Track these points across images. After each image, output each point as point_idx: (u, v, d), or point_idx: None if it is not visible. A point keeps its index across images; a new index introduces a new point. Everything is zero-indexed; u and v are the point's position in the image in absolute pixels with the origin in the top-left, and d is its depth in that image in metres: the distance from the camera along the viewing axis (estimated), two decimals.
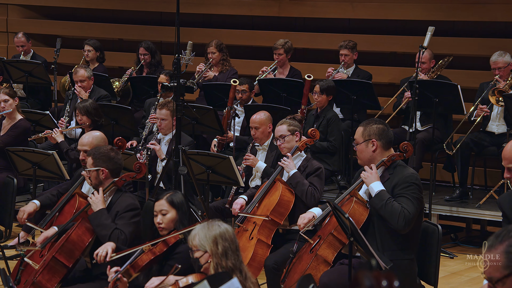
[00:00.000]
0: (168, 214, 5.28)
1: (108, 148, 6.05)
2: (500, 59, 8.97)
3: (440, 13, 10.55)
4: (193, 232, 4.51)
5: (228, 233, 4.46)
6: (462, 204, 9.05)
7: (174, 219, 5.29)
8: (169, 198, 5.32)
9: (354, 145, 5.90)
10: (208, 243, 4.43)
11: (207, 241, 4.43)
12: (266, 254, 6.51)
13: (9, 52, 12.93)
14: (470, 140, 8.99)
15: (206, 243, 4.44)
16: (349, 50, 9.99)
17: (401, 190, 5.60)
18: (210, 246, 4.42)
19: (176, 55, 6.80)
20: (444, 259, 8.27)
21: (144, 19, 12.67)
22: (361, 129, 5.80)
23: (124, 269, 5.12)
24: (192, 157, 7.31)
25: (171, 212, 5.28)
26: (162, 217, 5.28)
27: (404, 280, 5.58)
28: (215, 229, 4.46)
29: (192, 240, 4.50)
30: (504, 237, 3.13)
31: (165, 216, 5.27)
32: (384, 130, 5.76)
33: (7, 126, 8.98)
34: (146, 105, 9.79)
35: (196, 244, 4.47)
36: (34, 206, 6.65)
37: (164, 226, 5.28)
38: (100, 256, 5.32)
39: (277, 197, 6.56)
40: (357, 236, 5.13)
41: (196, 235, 4.48)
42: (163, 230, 5.29)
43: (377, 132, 5.73)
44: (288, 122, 6.96)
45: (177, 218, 5.29)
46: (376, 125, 5.77)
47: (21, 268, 5.84)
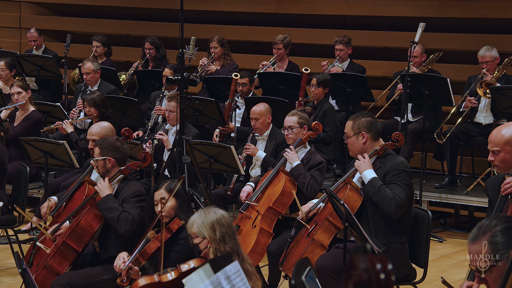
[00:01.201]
0: (168, 202, 5.26)
1: (114, 138, 6.03)
2: (487, 54, 8.97)
3: (430, 10, 10.54)
4: (191, 220, 4.50)
5: (225, 219, 4.45)
6: (451, 191, 9.06)
7: (174, 206, 5.29)
8: (168, 187, 5.31)
9: (345, 138, 5.89)
10: (206, 229, 4.41)
11: (205, 228, 4.42)
12: (268, 241, 6.49)
13: (22, 47, 12.91)
14: (459, 131, 8.99)
15: (204, 230, 4.42)
16: (344, 45, 9.98)
17: (392, 177, 5.61)
18: (208, 232, 4.41)
19: (180, 50, 6.79)
20: (434, 243, 8.27)
21: (149, 16, 12.65)
22: (351, 123, 5.79)
23: (134, 258, 5.11)
24: (195, 147, 7.30)
25: (171, 200, 5.27)
26: (163, 205, 5.26)
27: (396, 262, 5.59)
28: (212, 215, 4.45)
29: (191, 228, 4.49)
30: (486, 229, 3.14)
31: (166, 204, 5.25)
32: (373, 122, 5.76)
33: (20, 117, 8.98)
34: (152, 98, 9.78)
35: (195, 231, 4.46)
36: (53, 201, 6.67)
37: (165, 214, 5.26)
38: (119, 266, 5.21)
39: (280, 188, 6.52)
40: (352, 222, 5.13)
41: (194, 222, 4.47)
42: (165, 218, 5.28)
43: (366, 124, 5.73)
44: (299, 115, 6.83)
45: (176, 205, 5.29)
46: (364, 118, 5.77)
47: (33, 251, 5.84)
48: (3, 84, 10.09)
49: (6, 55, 10.61)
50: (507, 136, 4.62)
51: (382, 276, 1.70)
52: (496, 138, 4.66)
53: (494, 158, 4.66)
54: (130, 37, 12.81)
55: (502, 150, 4.62)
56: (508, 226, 3.13)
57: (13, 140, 8.52)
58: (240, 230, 6.51)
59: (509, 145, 4.61)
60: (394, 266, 5.37)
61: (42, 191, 8.82)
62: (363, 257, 1.71)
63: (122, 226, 5.58)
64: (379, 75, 10.62)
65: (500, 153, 4.63)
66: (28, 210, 8.44)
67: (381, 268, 1.67)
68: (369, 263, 1.66)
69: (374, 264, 1.65)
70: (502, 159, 4.63)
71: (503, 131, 4.65)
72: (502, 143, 4.62)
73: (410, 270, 5.79)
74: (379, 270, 1.68)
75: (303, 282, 3.81)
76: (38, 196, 9.18)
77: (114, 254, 5.65)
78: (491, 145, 4.68)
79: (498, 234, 3.12)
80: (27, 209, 7.88)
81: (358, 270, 1.70)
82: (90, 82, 9.68)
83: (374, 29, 10.96)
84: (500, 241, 3.11)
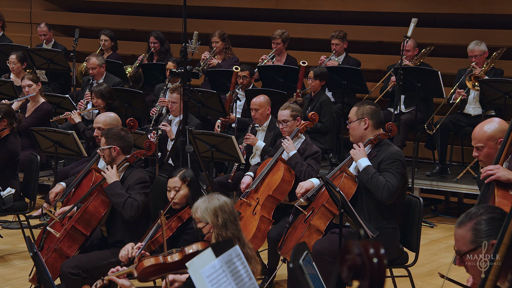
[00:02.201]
0: (181, 190, 5.25)
1: (119, 128, 6.03)
2: (476, 48, 8.95)
3: (422, 6, 10.52)
4: (195, 205, 4.49)
5: (227, 205, 4.43)
6: (441, 178, 9.06)
7: (187, 195, 5.27)
8: (182, 175, 5.28)
9: (348, 123, 5.88)
10: (209, 215, 4.40)
11: (208, 214, 4.40)
12: (268, 228, 6.49)
13: (33, 41, 12.89)
14: (449, 121, 8.99)
15: (207, 215, 4.41)
16: (340, 40, 9.97)
17: (386, 165, 5.61)
18: (211, 218, 4.39)
19: (183, 44, 6.78)
20: (425, 228, 8.28)
21: (154, 11, 12.63)
22: (355, 109, 5.79)
23: (146, 244, 5.11)
24: (198, 137, 7.30)
25: (184, 189, 5.25)
26: (176, 193, 5.25)
27: (388, 246, 5.60)
28: (215, 202, 4.43)
29: (195, 213, 4.48)
30: (472, 216, 3.16)
31: (178, 192, 5.24)
32: (376, 110, 5.77)
33: (31, 108, 8.97)
34: (156, 90, 9.77)
35: (199, 217, 4.45)
36: (61, 187, 6.66)
37: (177, 201, 5.25)
38: (125, 257, 5.19)
39: (279, 177, 6.52)
40: (347, 208, 5.13)
41: (198, 208, 4.46)
42: (176, 205, 5.26)
43: (370, 112, 5.73)
44: (291, 108, 6.79)
45: (189, 194, 5.27)
46: (369, 106, 5.78)
47: (44, 236, 5.84)
48: (15, 77, 10.08)
49: (17, 49, 10.58)
50: (489, 132, 4.60)
51: (375, 260, 1.70)
52: (479, 135, 4.63)
53: (479, 153, 4.65)
54: (136, 32, 12.79)
55: (486, 145, 4.60)
56: (493, 216, 3.15)
57: (25, 130, 8.52)
58: (241, 216, 6.51)
59: (492, 140, 4.58)
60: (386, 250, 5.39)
61: (52, 179, 8.82)
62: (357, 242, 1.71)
63: (128, 212, 5.58)
64: (374, 68, 10.60)
65: (484, 149, 4.61)
66: (39, 197, 8.44)
67: (374, 252, 1.67)
68: (363, 248, 1.67)
69: (367, 249, 1.66)
70: (486, 154, 4.60)
71: (486, 127, 4.62)
72: (485, 139, 4.60)
73: (401, 253, 5.80)
74: (372, 255, 1.68)
75: (301, 265, 3.81)
76: (48, 184, 9.19)
77: (120, 238, 5.66)
78: (474, 142, 4.65)
79: (483, 223, 3.13)
80: (38, 196, 7.87)
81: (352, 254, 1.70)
82: (96, 76, 9.69)
83: (369, 24, 10.94)
84: (483, 229, 3.12)
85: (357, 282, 1.73)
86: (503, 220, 3.10)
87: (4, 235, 7.79)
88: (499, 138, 4.57)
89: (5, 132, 7.27)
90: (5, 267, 7.11)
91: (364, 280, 1.68)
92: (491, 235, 3.11)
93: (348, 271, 1.71)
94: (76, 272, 5.46)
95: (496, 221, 3.13)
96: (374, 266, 1.67)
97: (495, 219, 3.14)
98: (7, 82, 9.62)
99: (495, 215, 3.16)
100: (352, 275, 1.72)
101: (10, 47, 10.88)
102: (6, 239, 7.83)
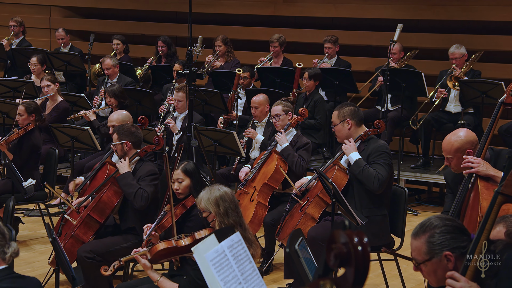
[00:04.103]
0: (184, 181, 5.26)
1: (130, 125, 6.04)
2: (456, 51, 8.96)
3: (407, 12, 10.51)
4: (199, 197, 4.50)
5: (227, 195, 4.43)
6: (424, 170, 9.07)
7: (189, 185, 5.28)
8: (183, 168, 5.30)
9: (332, 126, 5.88)
10: (211, 205, 4.41)
11: (210, 204, 4.41)
12: (264, 213, 6.51)
13: (52, 45, 12.89)
14: (432, 118, 9.00)
15: (210, 205, 4.41)
16: (332, 44, 9.96)
17: (375, 158, 5.61)
18: (213, 207, 4.40)
19: (189, 48, 6.76)
20: (410, 216, 8.28)
21: (162, 18, 12.61)
22: (336, 113, 5.78)
23: (153, 229, 5.13)
24: (202, 132, 7.29)
25: (186, 180, 5.27)
26: (179, 184, 5.26)
27: (378, 231, 5.61)
28: (216, 193, 4.43)
29: (199, 204, 4.50)
30: (426, 228, 3.16)
31: (181, 184, 5.26)
32: (355, 110, 5.76)
33: (50, 106, 8.97)
34: (164, 89, 9.75)
35: (202, 207, 4.46)
36: (80, 179, 6.68)
37: (181, 192, 5.26)
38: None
39: (273, 167, 6.55)
40: (339, 198, 5.14)
41: (201, 199, 4.47)
42: (180, 195, 5.28)
43: (350, 113, 5.73)
44: (283, 104, 6.90)
45: (191, 184, 5.28)
46: (348, 107, 5.76)
47: (62, 223, 5.84)
48: (35, 78, 10.08)
49: (38, 52, 10.59)
50: (456, 145, 4.58)
51: (359, 248, 1.71)
52: (447, 147, 4.61)
53: (449, 163, 4.65)
54: (145, 36, 12.77)
55: (454, 157, 4.59)
56: (445, 229, 3.14)
57: (44, 127, 8.52)
58: (240, 204, 6.52)
59: (460, 151, 4.56)
60: (376, 235, 5.39)
61: (69, 171, 8.82)
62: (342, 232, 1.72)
63: (138, 202, 5.58)
64: (363, 69, 10.59)
65: (453, 160, 4.61)
66: (57, 187, 8.44)
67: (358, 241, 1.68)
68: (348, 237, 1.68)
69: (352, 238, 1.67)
70: (456, 164, 4.59)
71: (453, 140, 4.60)
72: (453, 151, 4.59)
73: (390, 239, 5.81)
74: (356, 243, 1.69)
75: (296, 250, 3.82)
76: (66, 175, 9.19)
77: (131, 225, 5.67)
78: (444, 153, 4.65)
79: (436, 236, 3.13)
80: (56, 186, 7.88)
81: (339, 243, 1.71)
82: (111, 75, 9.70)
83: (359, 30, 10.93)
84: (436, 242, 3.12)
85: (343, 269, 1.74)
86: (455, 232, 3.13)
87: (25, 222, 7.79)
88: (466, 149, 4.55)
89: (30, 126, 7.36)
90: (27, 251, 7.13)
91: (350, 267, 1.69)
92: (444, 246, 3.11)
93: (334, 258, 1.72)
94: (91, 256, 5.48)
95: (448, 233, 3.14)
96: (358, 253, 1.68)
97: (447, 231, 3.14)
98: (28, 82, 9.62)
99: (447, 227, 3.15)
100: (338, 263, 1.72)
101: (31, 51, 10.88)
102: (28, 226, 7.84)
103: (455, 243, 3.09)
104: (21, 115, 7.38)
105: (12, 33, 11.71)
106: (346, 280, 1.69)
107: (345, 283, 1.69)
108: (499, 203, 3.02)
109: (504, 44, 9.91)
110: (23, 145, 7.32)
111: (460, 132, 4.65)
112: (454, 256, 3.09)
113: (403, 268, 5.88)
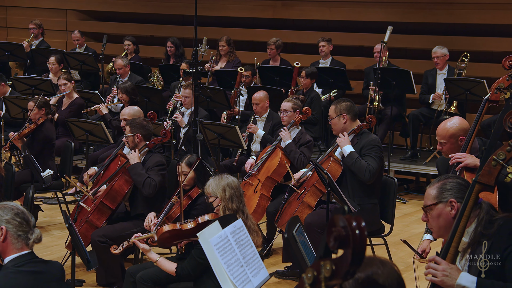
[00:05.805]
0: (189, 174, 5.26)
1: (141, 118, 6.03)
2: (438, 51, 8.98)
3: (397, 16, 10.47)
4: (208, 183, 4.53)
5: (234, 183, 4.47)
6: (413, 162, 9.05)
7: (193, 177, 5.29)
8: (187, 161, 5.31)
9: (329, 120, 5.85)
10: (219, 190, 4.44)
11: (218, 189, 4.45)
12: (267, 204, 6.49)
13: (68, 46, 12.87)
14: (419, 113, 8.98)
15: (217, 191, 4.45)
16: (326, 42, 9.94)
17: (367, 150, 5.60)
18: (220, 192, 4.44)
19: (195, 48, 6.74)
20: (399, 204, 8.27)
21: (170, 20, 12.57)
22: (333, 107, 5.76)
23: (162, 220, 5.11)
24: (207, 127, 7.27)
25: (191, 172, 5.27)
26: (184, 176, 5.26)
27: (369, 219, 5.60)
28: (224, 180, 4.47)
29: (207, 189, 4.51)
30: (441, 179, 3.24)
31: (187, 176, 5.26)
32: (351, 106, 5.74)
33: (67, 103, 8.96)
34: (172, 87, 9.74)
35: (210, 192, 4.49)
36: (93, 170, 6.67)
37: (186, 183, 5.27)
38: (149, 225, 5.22)
39: (277, 161, 6.52)
40: (333, 187, 5.12)
41: (210, 185, 4.50)
42: (186, 186, 5.28)
43: (346, 108, 5.70)
44: (293, 101, 6.78)
45: (195, 176, 5.28)
46: (344, 102, 5.74)
47: (77, 210, 5.85)
48: (53, 76, 10.08)
49: (55, 52, 10.58)
50: (451, 131, 4.50)
51: (357, 232, 1.70)
52: (442, 132, 4.53)
53: (442, 147, 4.59)
54: (154, 38, 12.73)
55: (448, 142, 4.51)
56: (459, 182, 3.19)
57: (61, 122, 8.53)
58: (244, 194, 6.50)
59: (453, 137, 4.49)
60: (367, 222, 5.40)
61: (84, 162, 8.80)
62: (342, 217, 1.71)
63: (147, 189, 5.57)
64: (356, 68, 10.56)
65: (446, 144, 4.53)
66: (73, 177, 8.41)
67: (356, 225, 1.68)
68: (347, 221, 1.67)
69: (351, 222, 1.66)
70: (448, 149, 4.52)
71: (448, 126, 4.51)
72: (448, 137, 4.51)
73: (380, 225, 5.79)
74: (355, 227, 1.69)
75: (294, 235, 3.81)
76: (81, 166, 9.17)
77: (141, 212, 5.65)
78: (438, 138, 4.58)
79: (448, 184, 3.18)
80: (72, 176, 7.85)
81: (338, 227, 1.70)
82: (122, 74, 9.68)
83: (352, 31, 10.89)
84: (447, 188, 3.17)
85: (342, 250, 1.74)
86: (466, 187, 3.15)
87: (44, 209, 7.79)
88: (459, 136, 4.48)
89: (42, 120, 7.36)
90: (46, 236, 7.11)
91: (348, 249, 1.69)
92: (452, 194, 3.15)
93: (334, 241, 1.72)
94: (104, 240, 5.47)
95: (460, 185, 3.17)
96: (356, 236, 1.68)
97: (460, 183, 3.19)
98: (46, 80, 9.61)
99: (461, 181, 3.21)
100: (337, 245, 1.72)
101: (49, 51, 10.87)
102: (46, 213, 7.83)
103: (461, 194, 3.12)
104: (32, 111, 7.37)
105: (32, 35, 11.70)
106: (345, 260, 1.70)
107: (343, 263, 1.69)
108: (477, 191, 3.03)
109: (485, 45, 9.88)
110: (36, 138, 7.33)
111: (455, 119, 4.59)
112: (457, 205, 3.10)
113: (392, 252, 5.86)
